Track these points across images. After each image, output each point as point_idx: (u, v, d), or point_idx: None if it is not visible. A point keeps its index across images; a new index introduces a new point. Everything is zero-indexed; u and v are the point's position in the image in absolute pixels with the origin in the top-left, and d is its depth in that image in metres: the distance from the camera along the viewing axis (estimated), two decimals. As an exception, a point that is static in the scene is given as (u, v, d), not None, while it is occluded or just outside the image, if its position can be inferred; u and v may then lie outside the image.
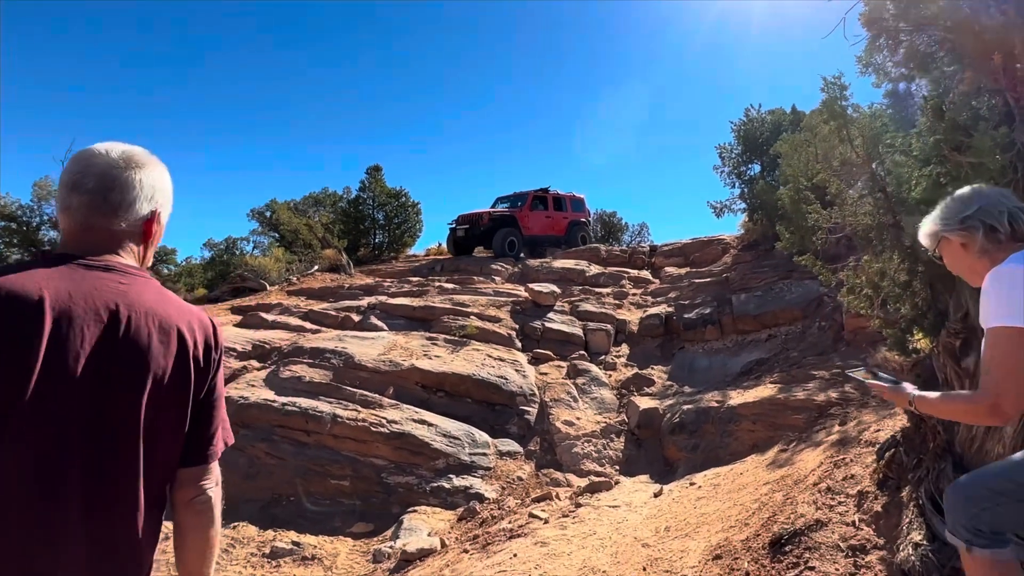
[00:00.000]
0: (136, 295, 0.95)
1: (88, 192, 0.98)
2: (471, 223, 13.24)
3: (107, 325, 0.91)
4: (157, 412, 0.94)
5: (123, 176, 1.00)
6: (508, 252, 12.81)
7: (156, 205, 1.04)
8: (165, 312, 0.97)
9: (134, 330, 0.93)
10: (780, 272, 8.96)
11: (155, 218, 1.05)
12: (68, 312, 0.88)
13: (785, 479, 3.50)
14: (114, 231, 1.00)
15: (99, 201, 0.98)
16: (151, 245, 1.07)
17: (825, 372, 5.31)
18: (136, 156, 1.03)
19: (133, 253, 1.03)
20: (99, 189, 0.98)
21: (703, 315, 8.40)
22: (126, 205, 1.00)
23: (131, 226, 1.01)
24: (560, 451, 5.76)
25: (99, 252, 0.97)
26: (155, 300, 0.98)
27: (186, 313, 1.01)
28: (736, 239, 12.86)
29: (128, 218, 1.00)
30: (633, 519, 3.78)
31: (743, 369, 6.79)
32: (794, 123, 12.11)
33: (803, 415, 4.66)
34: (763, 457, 4.33)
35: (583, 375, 7.06)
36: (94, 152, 1.01)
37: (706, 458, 5.01)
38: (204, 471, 1.02)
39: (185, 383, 0.98)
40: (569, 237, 14.55)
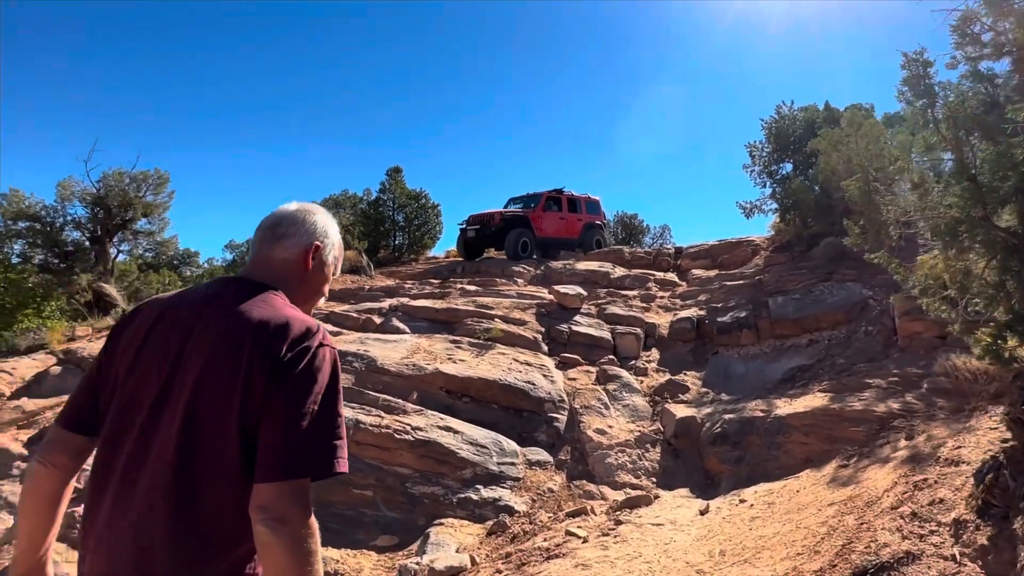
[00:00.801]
0: (237, 310, 1.08)
1: (260, 229, 1.27)
2: (482, 223, 12.85)
3: (190, 329, 1.07)
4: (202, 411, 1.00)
5: (287, 218, 1.26)
6: (521, 254, 12.47)
7: (315, 240, 1.25)
8: (244, 327, 1.05)
9: (209, 336, 1.05)
10: (819, 274, 8.55)
11: (310, 248, 1.24)
12: (164, 317, 1.11)
13: (854, 500, 3.16)
14: (270, 254, 1.23)
15: (267, 235, 1.25)
16: (312, 269, 1.25)
17: (881, 380, 4.94)
18: (302, 206, 1.30)
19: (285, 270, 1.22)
20: (267, 226, 1.26)
21: (738, 318, 8.02)
22: (280, 232, 1.24)
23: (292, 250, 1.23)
24: (592, 461, 5.46)
25: (255, 275, 1.19)
26: (245, 312, 1.07)
27: (273, 327, 1.05)
28: (766, 240, 12.43)
29: (282, 240, 1.24)
30: (681, 540, 3.47)
31: (784, 376, 6.42)
32: (828, 120, 11.68)
33: (862, 427, 4.30)
34: (820, 473, 3.99)
35: (614, 381, 6.75)
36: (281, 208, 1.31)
37: (752, 472, 4.67)
38: (260, 493, 0.95)
39: (231, 394, 1.00)
40: (583, 240, 14.08)
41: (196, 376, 1.01)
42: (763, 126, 12.51)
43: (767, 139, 12.36)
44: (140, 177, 11.93)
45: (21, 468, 5.03)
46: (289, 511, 0.94)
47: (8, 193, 11.24)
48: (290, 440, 0.97)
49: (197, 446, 0.99)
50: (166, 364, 1.05)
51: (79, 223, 11.70)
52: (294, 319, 1.07)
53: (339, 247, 1.33)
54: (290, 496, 0.95)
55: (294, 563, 0.92)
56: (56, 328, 8.11)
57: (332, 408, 1.04)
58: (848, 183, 3.49)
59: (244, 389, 0.99)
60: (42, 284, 10.58)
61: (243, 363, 1.00)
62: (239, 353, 1.01)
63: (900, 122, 11.33)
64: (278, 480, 0.95)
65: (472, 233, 12.90)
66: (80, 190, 11.53)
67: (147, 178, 11.96)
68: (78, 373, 6.63)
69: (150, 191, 12.01)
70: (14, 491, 4.77)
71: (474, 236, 12.87)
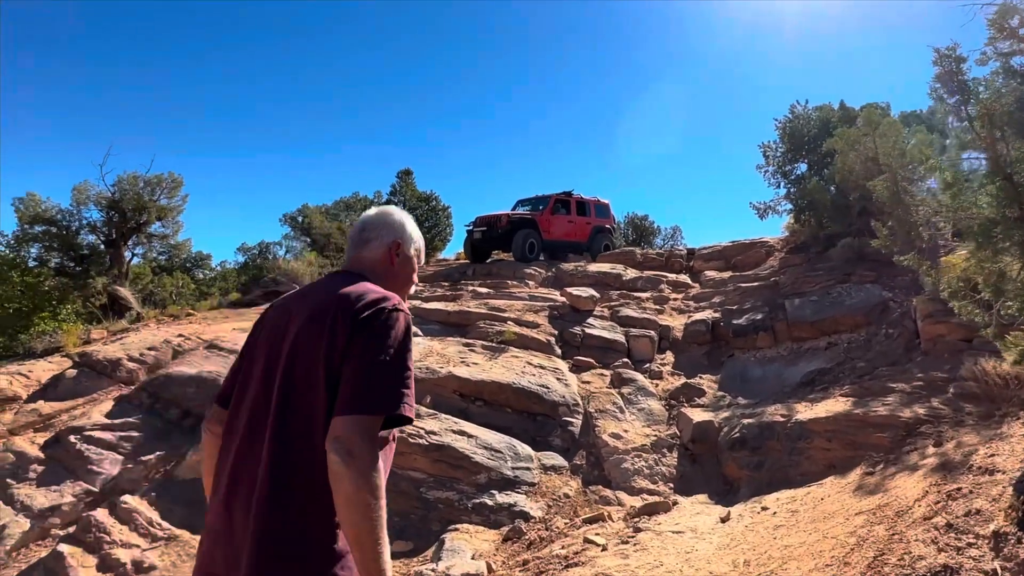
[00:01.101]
0: (327, 288, 1.30)
1: (350, 236, 1.51)
2: (488, 225, 12.72)
3: (292, 310, 1.30)
4: (296, 369, 1.19)
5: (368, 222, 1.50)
6: (528, 255, 12.38)
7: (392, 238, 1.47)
8: (340, 297, 1.24)
9: (305, 309, 1.26)
10: (836, 275, 8.42)
11: (390, 245, 1.46)
12: (279, 305, 1.39)
13: (883, 509, 3.07)
14: (362, 254, 1.45)
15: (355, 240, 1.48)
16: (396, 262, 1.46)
17: (905, 384, 4.82)
18: (381, 210, 1.52)
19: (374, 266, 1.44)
20: (355, 232, 1.50)
21: (754, 321, 7.91)
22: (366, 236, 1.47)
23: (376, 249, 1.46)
24: (608, 466, 5.38)
25: (351, 270, 1.43)
26: (339, 288, 1.27)
27: (353, 298, 1.23)
28: (781, 241, 12.28)
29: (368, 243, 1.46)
30: (703, 549, 3.39)
31: (803, 380, 6.30)
32: (843, 119, 11.52)
33: (887, 433, 4.19)
34: (845, 480, 3.89)
35: (628, 384, 6.66)
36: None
37: (772, 478, 4.57)
38: (334, 425, 1.09)
39: (318, 345, 1.18)
40: (592, 244, 13.90)
41: (292, 341, 1.22)
42: (777, 126, 12.36)
43: (781, 139, 12.21)
44: (154, 181, 12.02)
45: (38, 471, 5.06)
46: (358, 445, 1.07)
47: (25, 197, 11.37)
48: (363, 381, 1.12)
49: (292, 401, 1.17)
50: (273, 340, 1.28)
51: (94, 227, 11.81)
52: (373, 290, 1.27)
53: (418, 240, 1.53)
54: (359, 430, 1.08)
55: (360, 492, 1.04)
56: (72, 331, 8.17)
57: (402, 361, 1.18)
58: (875, 183, 3.40)
59: (328, 343, 1.17)
60: (58, 287, 10.69)
61: (328, 322, 1.19)
62: (325, 316, 1.21)
63: (917, 121, 11.17)
64: (350, 414, 1.09)
65: (479, 235, 12.79)
66: (95, 194, 11.64)
67: (161, 182, 12.06)
68: (93, 376, 6.66)
69: (164, 195, 12.10)
70: (31, 494, 4.79)
71: (481, 238, 12.76)
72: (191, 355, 6.79)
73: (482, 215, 13.22)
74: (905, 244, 3.07)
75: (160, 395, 6.03)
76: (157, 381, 6.19)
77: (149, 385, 6.19)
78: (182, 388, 6.01)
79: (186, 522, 4.51)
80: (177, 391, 6.00)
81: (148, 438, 5.50)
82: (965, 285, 2.99)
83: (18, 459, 5.11)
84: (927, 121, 11.67)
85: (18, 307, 9.83)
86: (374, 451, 1.08)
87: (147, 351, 7.14)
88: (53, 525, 4.59)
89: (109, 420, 5.62)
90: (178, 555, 4.18)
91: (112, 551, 4.08)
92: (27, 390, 6.49)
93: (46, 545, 4.38)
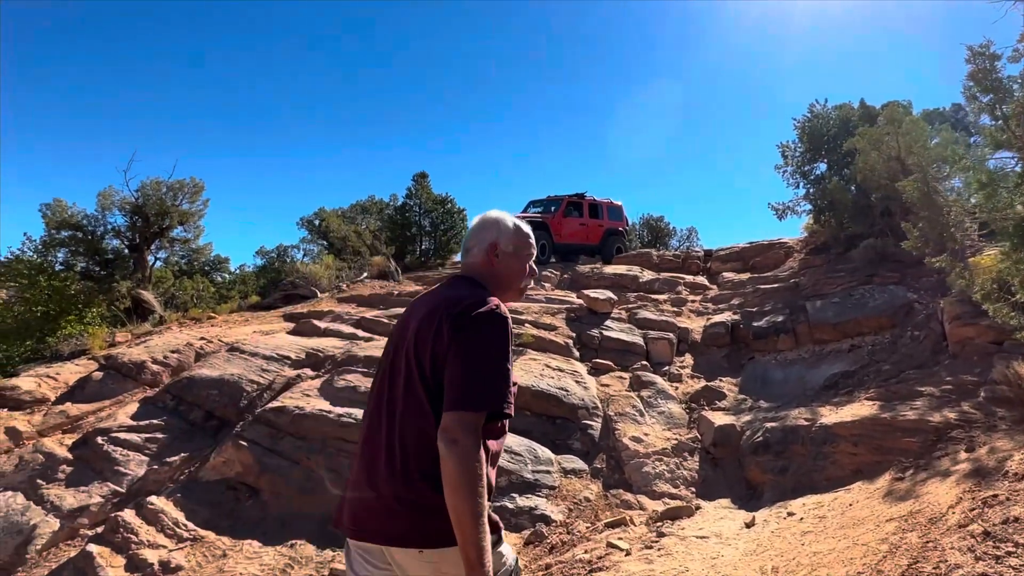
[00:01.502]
0: (440, 293, 1.48)
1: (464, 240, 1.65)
2: None
3: (412, 311, 1.49)
4: (411, 365, 1.36)
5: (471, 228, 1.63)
6: (540, 257, 12.32)
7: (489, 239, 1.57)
8: (445, 299, 1.40)
9: (422, 308, 1.44)
10: (859, 277, 8.29)
11: (487, 247, 1.57)
12: (410, 306, 1.55)
13: (915, 516, 3.01)
14: (466, 261, 1.60)
15: (463, 251, 1.63)
16: (496, 263, 1.57)
17: (934, 388, 4.72)
18: (479, 218, 1.63)
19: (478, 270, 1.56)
20: (463, 244, 1.64)
21: (774, 323, 7.81)
22: (468, 244, 1.61)
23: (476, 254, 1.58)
24: (629, 470, 5.35)
25: (462, 272, 1.59)
26: (448, 292, 1.45)
27: (454, 301, 1.38)
28: (800, 242, 12.13)
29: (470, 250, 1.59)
30: (729, 554, 3.35)
31: (826, 383, 6.21)
32: (864, 118, 11.35)
33: (916, 438, 4.10)
34: (873, 486, 3.82)
35: (648, 387, 6.62)
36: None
37: (797, 483, 4.51)
38: (442, 420, 1.25)
39: (426, 341, 1.35)
40: (604, 247, 13.69)
41: (409, 340, 1.39)
42: (795, 125, 12.22)
43: (800, 139, 12.06)
44: (176, 186, 12.23)
45: (66, 472, 5.15)
46: (460, 435, 1.21)
47: (52, 203, 11.63)
48: (464, 381, 1.27)
49: (406, 391, 1.36)
50: (397, 338, 1.47)
51: (119, 231, 12.04)
52: (475, 294, 1.40)
53: (514, 234, 1.59)
54: (461, 424, 1.23)
55: (462, 476, 1.19)
56: (97, 334, 8.33)
57: (500, 362, 1.31)
58: (904, 183, 3.34)
59: (434, 343, 1.32)
60: (84, 291, 10.91)
61: (435, 324, 1.34)
62: (433, 319, 1.36)
63: (940, 119, 10.96)
64: (453, 410, 1.24)
65: None
66: (120, 199, 11.88)
67: (183, 187, 12.26)
68: (119, 378, 6.78)
69: (186, 199, 12.31)
70: (60, 494, 4.88)
71: None
72: (213, 358, 6.88)
73: None
74: (937, 246, 3.01)
75: (183, 397, 6.11)
76: (180, 383, 6.28)
77: (173, 387, 6.28)
78: (205, 390, 6.09)
79: (211, 523, 4.57)
80: (200, 393, 6.08)
81: (172, 440, 5.58)
82: (999, 287, 2.93)
83: (47, 460, 5.21)
84: (950, 119, 11.46)
85: (45, 310, 10.05)
86: (475, 442, 1.22)
87: (170, 354, 7.25)
88: (82, 525, 4.67)
89: (134, 422, 5.72)
90: (203, 556, 4.23)
91: (140, 551, 4.14)
92: (55, 392, 6.62)
93: (75, 545, 4.45)
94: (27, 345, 9.32)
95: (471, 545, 1.18)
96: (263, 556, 4.09)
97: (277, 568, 3.96)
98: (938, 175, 4.14)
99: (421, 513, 1.29)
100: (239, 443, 5.11)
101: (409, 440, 1.34)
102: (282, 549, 4.18)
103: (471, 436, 1.22)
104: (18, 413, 6.10)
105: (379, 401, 1.44)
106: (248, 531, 4.50)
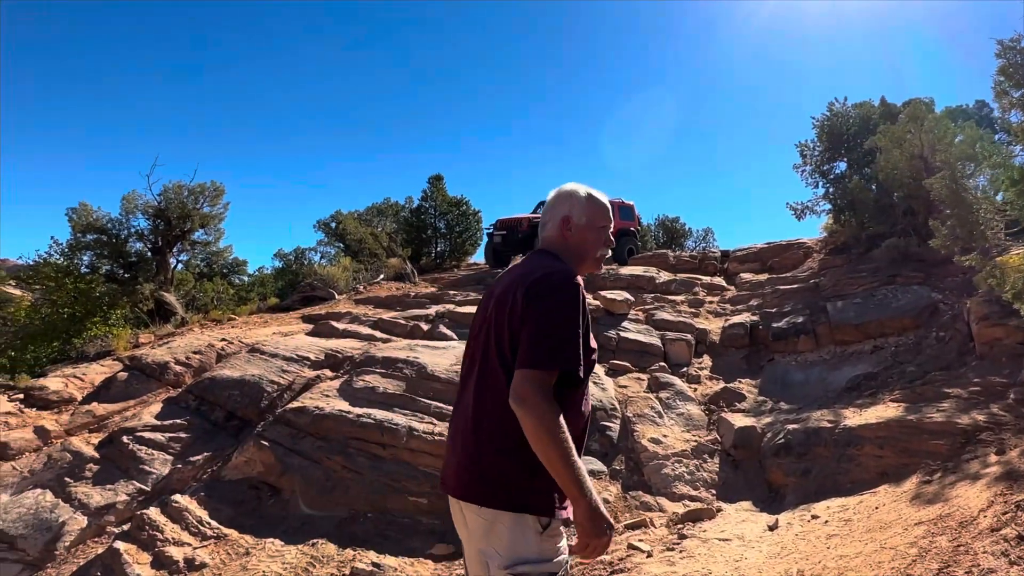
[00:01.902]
0: (516, 269, 1.57)
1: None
2: (509, 229, 12.35)
3: (493, 289, 1.59)
4: (491, 335, 1.48)
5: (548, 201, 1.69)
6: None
7: (562, 213, 1.62)
8: (520, 274, 1.50)
9: (500, 286, 1.56)
10: (881, 277, 8.16)
11: (560, 221, 1.62)
12: (493, 282, 1.66)
13: (945, 520, 2.95)
14: (543, 235, 1.66)
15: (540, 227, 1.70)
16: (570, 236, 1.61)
17: (961, 390, 4.62)
18: (553, 192, 1.68)
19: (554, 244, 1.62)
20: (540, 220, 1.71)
21: (794, 324, 7.72)
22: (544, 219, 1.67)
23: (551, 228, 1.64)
24: (648, 472, 5.31)
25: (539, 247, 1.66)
26: (524, 267, 1.55)
27: (527, 274, 1.48)
28: (819, 242, 11.96)
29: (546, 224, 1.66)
30: (753, 558, 3.31)
31: (849, 384, 6.11)
32: (885, 116, 11.18)
33: (944, 440, 4.03)
34: (900, 489, 3.75)
35: (666, 388, 6.57)
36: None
37: (821, 486, 4.44)
38: (515, 378, 1.34)
39: (503, 315, 1.45)
40: (615, 248, 13.66)
41: (490, 311, 1.51)
42: (814, 124, 12.07)
43: (819, 137, 11.91)
44: (198, 189, 12.44)
45: (93, 470, 5.26)
46: (528, 393, 1.30)
47: (78, 207, 11.89)
48: (533, 341, 1.35)
49: (487, 359, 1.47)
50: (481, 311, 1.59)
51: (142, 235, 12.27)
52: (545, 266, 1.49)
53: (587, 206, 1.62)
54: (530, 382, 1.31)
55: (538, 429, 1.28)
56: (121, 335, 8.49)
57: (570, 325, 1.37)
58: (931, 181, 3.28)
59: (510, 312, 1.43)
60: (108, 293, 11.13)
61: (510, 295, 1.45)
62: (509, 290, 1.47)
63: (964, 116, 10.75)
64: (520, 368, 1.33)
65: (499, 239, 12.43)
66: (143, 203, 12.11)
67: (204, 190, 12.47)
68: (143, 378, 6.91)
69: (207, 203, 12.51)
70: (87, 492, 4.98)
71: (501, 242, 12.39)
72: (234, 359, 6.98)
73: (502, 218, 12.84)
74: (967, 244, 2.95)
75: (205, 397, 6.21)
76: (202, 384, 6.38)
77: (195, 388, 6.38)
78: (226, 391, 6.18)
79: (234, 522, 4.63)
80: (221, 394, 6.17)
81: (195, 439, 5.66)
82: (1030, 286, 2.86)
83: (75, 458, 5.33)
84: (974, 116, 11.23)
85: (71, 312, 10.27)
86: (545, 398, 1.30)
87: (192, 354, 7.37)
88: (108, 523, 4.76)
89: (158, 421, 5.81)
90: (227, 553, 4.29)
91: (165, 548, 4.21)
92: (81, 392, 6.77)
93: (102, 542, 4.54)
94: (54, 346, 9.54)
95: (570, 483, 1.29)
96: (285, 555, 4.13)
97: (299, 566, 4.00)
98: (963, 173, 4.06)
99: (486, 475, 1.40)
100: (260, 443, 5.17)
101: (484, 408, 1.45)
102: (304, 548, 4.22)
103: (540, 393, 1.30)
104: (46, 412, 6.24)
105: (465, 372, 1.60)
106: (270, 530, 4.55)
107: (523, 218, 12.51)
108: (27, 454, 5.48)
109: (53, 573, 4.29)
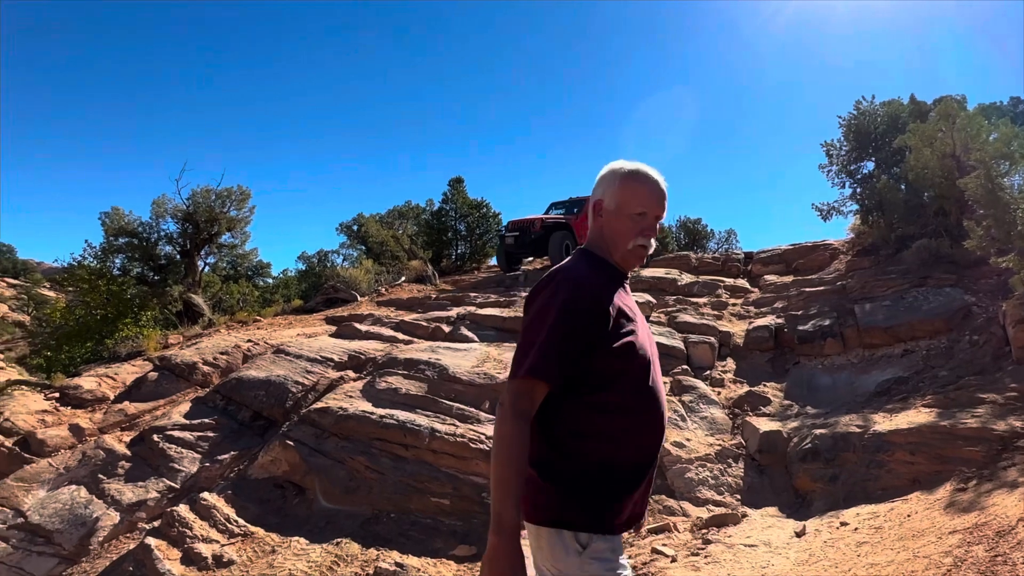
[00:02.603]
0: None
1: None
2: (521, 230, 12.13)
3: None
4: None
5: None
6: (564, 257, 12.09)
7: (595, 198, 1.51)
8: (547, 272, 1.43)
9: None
10: (911, 279, 7.95)
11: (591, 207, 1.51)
12: None
13: (981, 528, 2.86)
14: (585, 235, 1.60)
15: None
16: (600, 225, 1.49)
17: (996, 395, 4.49)
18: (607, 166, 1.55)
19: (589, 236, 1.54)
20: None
21: (821, 327, 7.57)
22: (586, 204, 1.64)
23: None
24: (671, 476, 5.26)
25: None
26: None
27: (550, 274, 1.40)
28: (846, 244, 11.70)
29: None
30: (779, 564, 3.26)
31: (878, 389, 5.97)
32: (914, 114, 10.91)
33: (979, 447, 3.91)
34: (933, 496, 3.65)
35: (689, 392, 6.50)
36: None
37: (849, 492, 4.35)
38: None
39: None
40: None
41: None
42: (841, 123, 11.82)
43: (846, 137, 11.66)
44: (225, 194, 12.71)
45: (125, 467, 5.40)
46: (504, 398, 1.29)
47: (111, 211, 12.24)
48: (517, 347, 1.34)
49: None
50: None
51: (171, 238, 12.58)
52: (559, 266, 1.42)
53: (620, 188, 1.43)
54: (506, 390, 1.31)
55: (493, 441, 1.28)
56: (151, 336, 8.71)
57: (546, 329, 1.28)
58: (966, 180, 3.19)
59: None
60: (139, 295, 11.44)
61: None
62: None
63: (998, 113, 10.44)
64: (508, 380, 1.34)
65: (511, 240, 12.23)
66: (172, 207, 12.41)
67: (231, 194, 12.74)
68: (172, 378, 7.07)
69: (233, 206, 12.78)
70: (120, 489, 5.12)
71: (514, 243, 12.19)
72: (260, 359, 7.10)
73: (514, 219, 12.64)
74: (1005, 245, 2.86)
75: (232, 397, 6.33)
76: (229, 384, 6.51)
77: (222, 388, 6.51)
78: (252, 391, 6.29)
79: (260, 520, 4.71)
80: (247, 394, 6.29)
81: (222, 438, 5.78)
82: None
83: (108, 456, 5.48)
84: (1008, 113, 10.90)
85: (104, 314, 10.58)
86: (509, 406, 1.27)
87: (219, 355, 7.52)
88: (140, 519, 4.89)
89: (187, 420, 5.95)
90: (253, 551, 4.36)
91: (194, 545, 4.30)
92: (114, 391, 6.96)
93: (134, 538, 4.66)
94: (87, 347, 9.83)
95: (495, 496, 1.23)
96: (310, 553, 4.19)
97: (324, 565, 4.05)
98: (999, 172, 3.94)
99: (530, 490, 1.34)
100: (286, 443, 5.25)
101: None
102: (328, 547, 4.27)
103: (510, 399, 1.28)
104: (81, 411, 6.43)
105: None
106: (295, 528, 4.62)
107: (535, 219, 12.31)
108: (62, 451, 5.65)
109: (87, 567, 4.42)
